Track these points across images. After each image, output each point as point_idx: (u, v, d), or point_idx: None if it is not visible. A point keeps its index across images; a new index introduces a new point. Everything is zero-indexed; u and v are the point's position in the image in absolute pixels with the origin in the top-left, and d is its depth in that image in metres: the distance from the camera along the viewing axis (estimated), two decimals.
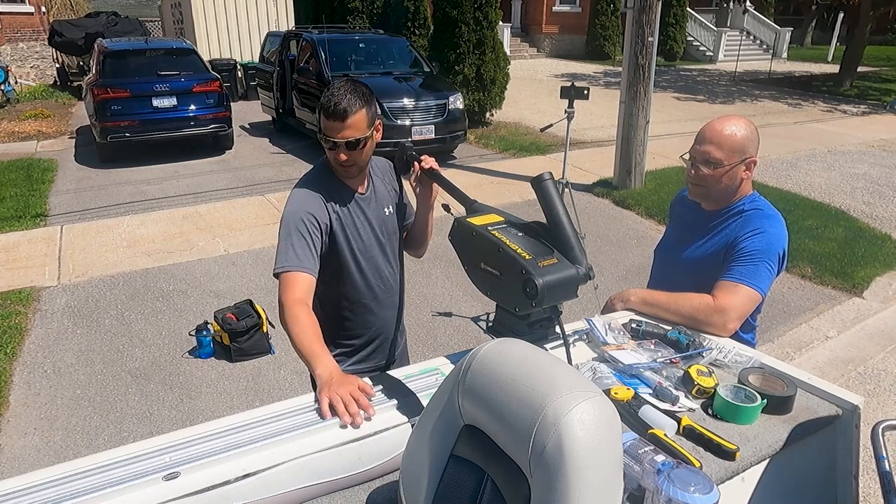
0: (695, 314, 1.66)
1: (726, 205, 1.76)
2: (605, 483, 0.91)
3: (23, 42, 17.04)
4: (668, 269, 1.94)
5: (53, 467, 1.24)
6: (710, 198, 1.77)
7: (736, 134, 1.66)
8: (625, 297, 1.84)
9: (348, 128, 1.72)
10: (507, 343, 1.11)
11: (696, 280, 1.75)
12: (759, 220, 1.72)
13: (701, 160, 1.69)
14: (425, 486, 1.15)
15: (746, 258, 1.66)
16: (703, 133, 1.70)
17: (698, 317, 1.66)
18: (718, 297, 1.65)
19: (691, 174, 1.72)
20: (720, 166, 1.66)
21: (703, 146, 1.68)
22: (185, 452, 1.27)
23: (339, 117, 1.70)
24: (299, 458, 1.30)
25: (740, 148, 1.67)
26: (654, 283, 2.00)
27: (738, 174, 1.70)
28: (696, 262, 1.81)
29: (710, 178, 1.69)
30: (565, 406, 0.92)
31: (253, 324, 3.78)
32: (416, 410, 1.42)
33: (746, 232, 1.69)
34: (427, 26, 12.38)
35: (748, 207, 1.75)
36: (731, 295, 1.64)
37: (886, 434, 1.30)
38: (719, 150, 1.66)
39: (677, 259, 1.88)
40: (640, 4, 6.45)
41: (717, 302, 1.64)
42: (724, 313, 1.63)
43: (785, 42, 22.33)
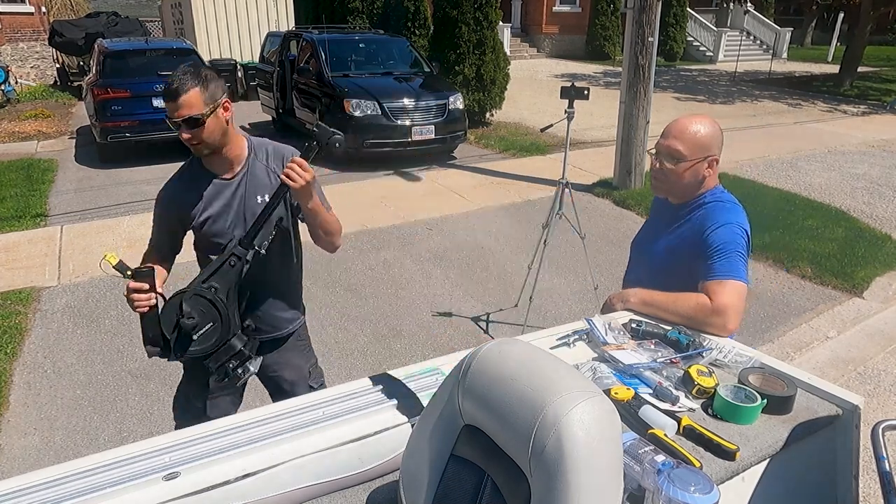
0: (694, 315, 1.68)
1: (690, 199, 1.80)
2: (605, 483, 0.91)
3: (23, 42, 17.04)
4: (641, 261, 2.00)
5: (53, 467, 1.24)
6: (672, 193, 1.81)
7: (700, 132, 1.69)
8: (624, 297, 1.85)
9: (182, 106, 1.76)
10: (507, 343, 1.11)
11: (664, 272, 1.81)
12: (718, 213, 1.74)
13: (665, 154, 1.73)
14: (425, 486, 1.15)
15: (719, 254, 1.68)
16: (669, 129, 1.73)
17: (698, 318, 1.67)
18: (712, 297, 1.66)
19: (655, 167, 1.77)
20: (683, 161, 1.70)
21: (667, 141, 1.72)
22: (185, 452, 1.28)
23: (172, 97, 1.76)
24: (299, 458, 1.30)
25: (704, 145, 1.70)
26: (628, 275, 2.07)
27: (700, 171, 1.73)
28: (662, 254, 1.85)
29: (672, 172, 1.73)
30: (565, 406, 0.92)
31: None
32: (416, 410, 1.42)
33: (709, 227, 1.71)
34: (427, 26, 12.38)
35: (709, 200, 1.78)
36: (723, 294, 1.65)
37: (886, 434, 1.30)
38: (683, 145, 1.69)
39: (647, 251, 1.93)
40: (640, 4, 6.45)
41: (713, 303, 1.65)
42: (724, 314, 1.65)
43: (785, 42, 22.33)
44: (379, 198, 6.89)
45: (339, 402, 1.46)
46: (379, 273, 4.96)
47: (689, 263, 1.74)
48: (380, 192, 7.10)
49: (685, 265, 1.76)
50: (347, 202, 6.74)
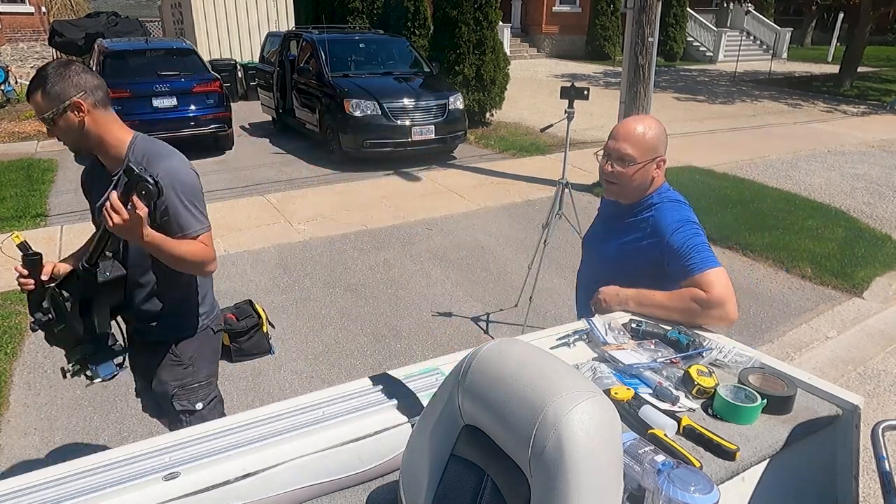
0: (693, 309, 1.68)
1: (639, 199, 1.83)
2: (605, 483, 0.91)
3: (23, 42, 17.05)
4: (592, 260, 2.04)
5: (53, 467, 1.24)
6: (623, 195, 1.83)
7: (648, 134, 1.73)
8: (621, 299, 1.82)
9: (34, 107, 1.77)
10: (507, 343, 1.11)
11: (615, 272, 1.85)
12: (668, 214, 1.77)
13: (616, 157, 1.75)
14: (425, 486, 1.15)
15: (690, 250, 1.70)
16: (618, 131, 1.76)
17: (697, 312, 1.68)
18: (706, 290, 1.66)
19: (606, 170, 1.78)
20: (633, 163, 1.73)
21: (617, 143, 1.74)
22: (185, 452, 1.28)
23: (27, 98, 1.79)
24: (299, 458, 1.30)
25: (652, 147, 1.74)
26: (582, 272, 2.13)
27: (649, 172, 1.76)
28: (613, 254, 1.88)
29: (623, 175, 1.75)
30: (565, 406, 0.92)
31: (253, 324, 3.77)
32: (416, 410, 1.42)
33: (667, 232, 1.74)
34: (427, 26, 12.38)
35: (657, 201, 1.81)
36: (714, 284, 1.65)
37: (886, 434, 1.30)
38: (633, 148, 1.72)
39: (598, 251, 1.97)
40: (640, 4, 6.45)
41: (709, 295, 1.65)
42: (723, 304, 1.65)
43: (785, 42, 22.34)
44: (379, 198, 6.90)
45: (339, 402, 1.46)
46: (379, 273, 4.96)
47: (646, 265, 1.78)
48: (380, 192, 7.10)
49: (638, 265, 1.80)
50: (347, 202, 6.75)
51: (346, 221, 6.12)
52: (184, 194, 1.84)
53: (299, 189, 7.22)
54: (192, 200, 1.86)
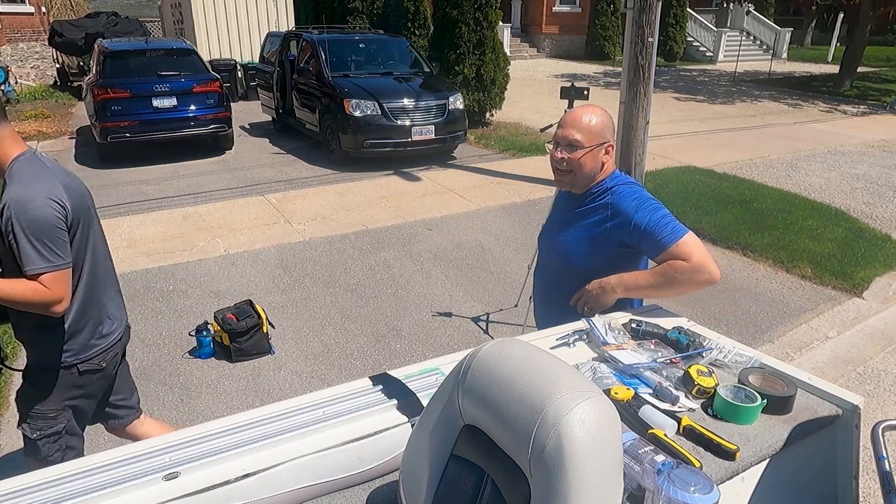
0: (680, 278, 1.73)
1: (591, 187, 1.89)
2: (605, 483, 0.91)
3: (23, 42, 17.05)
4: (550, 255, 2.07)
5: (53, 467, 1.24)
6: (577, 182, 1.88)
7: (593, 121, 1.81)
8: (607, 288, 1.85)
9: None
10: (507, 343, 1.11)
11: (571, 262, 1.91)
12: (627, 197, 1.83)
13: (565, 144, 1.82)
14: (425, 486, 1.15)
15: (658, 226, 1.75)
16: (566, 120, 1.84)
17: (684, 280, 1.73)
18: (685, 258, 1.71)
19: (556, 157, 1.84)
20: (581, 148, 1.80)
21: (565, 131, 1.82)
22: (185, 452, 1.28)
23: None
24: (299, 458, 1.30)
25: (599, 132, 1.81)
26: (539, 271, 2.17)
27: (598, 157, 1.83)
28: (577, 244, 1.91)
29: (573, 160, 1.82)
30: (565, 406, 0.92)
31: (253, 324, 3.78)
32: (416, 410, 1.42)
33: (631, 213, 1.79)
34: (427, 26, 12.38)
35: (612, 184, 1.87)
36: (691, 250, 1.71)
37: (886, 434, 1.30)
38: (580, 134, 1.80)
39: (559, 244, 1.99)
40: (640, 5, 6.45)
41: (691, 262, 1.70)
42: (704, 267, 1.71)
43: (785, 42, 22.33)
44: (379, 198, 6.90)
45: (339, 402, 1.46)
46: (379, 273, 4.96)
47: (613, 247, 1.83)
48: (380, 192, 7.10)
49: (605, 250, 1.84)
50: (347, 202, 6.75)
51: (345, 221, 6.12)
52: (28, 228, 1.72)
53: (299, 189, 7.22)
54: (39, 236, 1.73)
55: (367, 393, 1.51)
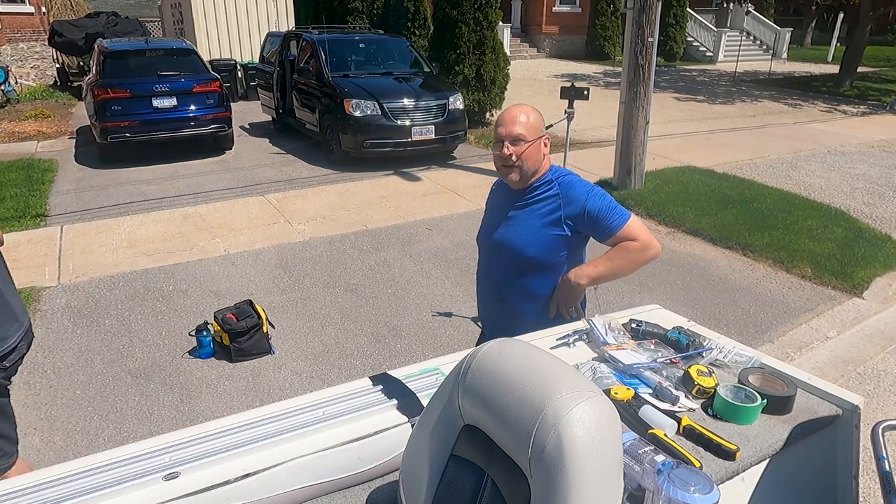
0: (635, 259, 1.90)
1: (534, 179, 1.98)
2: (605, 483, 0.91)
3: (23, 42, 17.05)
4: (496, 253, 2.08)
5: (53, 467, 1.24)
6: (522, 177, 1.95)
7: (530, 116, 1.93)
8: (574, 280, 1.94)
9: None
10: (507, 343, 1.11)
11: (525, 253, 1.95)
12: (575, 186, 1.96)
13: (511, 140, 1.90)
14: (425, 486, 1.15)
15: (607, 211, 1.90)
16: (505, 119, 1.93)
17: (639, 259, 1.91)
18: (634, 238, 1.89)
19: (505, 154, 1.91)
20: (526, 142, 1.89)
21: (507, 128, 1.91)
22: (185, 452, 1.28)
23: None
24: (299, 458, 1.30)
25: (536, 127, 1.93)
26: (481, 270, 2.19)
27: (540, 150, 1.94)
28: (523, 237, 1.96)
29: (521, 154, 1.90)
30: (565, 406, 0.92)
31: (253, 324, 3.78)
32: (416, 410, 1.42)
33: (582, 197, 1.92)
34: (427, 26, 12.38)
35: (554, 176, 1.99)
36: (637, 231, 1.90)
37: (886, 434, 1.30)
38: (521, 128, 1.90)
39: (502, 240, 2.03)
40: (640, 5, 6.45)
41: (639, 242, 1.89)
42: (650, 245, 1.90)
43: (785, 42, 22.33)
44: (379, 198, 6.90)
45: (339, 402, 1.46)
46: (379, 273, 4.96)
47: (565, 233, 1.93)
48: (380, 192, 7.10)
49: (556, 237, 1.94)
50: (347, 202, 6.75)
51: (345, 221, 6.12)
52: None
53: (299, 189, 7.22)
54: None
55: (367, 393, 1.51)
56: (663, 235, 5.83)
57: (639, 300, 4.25)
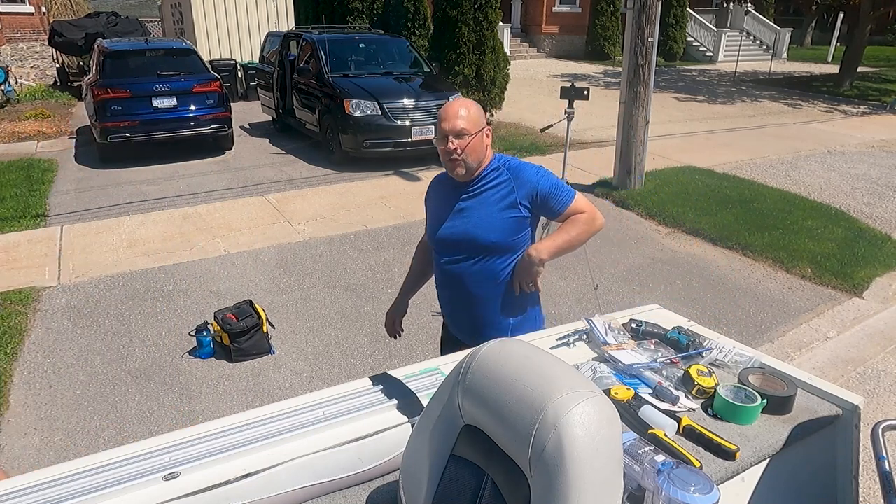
0: (586, 230, 1.99)
1: (481, 170, 2.01)
2: (605, 483, 0.91)
3: (23, 42, 17.04)
4: (448, 247, 2.09)
5: (53, 467, 1.24)
6: (468, 167, 1.97)
7: (471, 109, 1.95)
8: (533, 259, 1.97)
9: None
10: (507, 343, 1.11)
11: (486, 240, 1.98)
12: (523, 166, 2.04)
13: (454, 134, 1.92)
14: (425, 486, 1.15)
15: (556, 190, 1.99)
16: (447, 114, 1.94)
17: (589, 230, 2.00)
18: (581, 211, 1.99)
19: (450, 148, 1.92)
20: (469, 135, 1.92)
21: (450, 123, 1.92)
22: (185, 452, 1.28)
23: None
24: (299, 458, 1.30)
25: (477, 119, 1.95)
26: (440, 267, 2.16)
27: (483, 142, 1.97)
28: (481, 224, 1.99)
29: (465, 147, 1.92)
30: (565, 406, 0.92)
31: (253, 324, 3.78)
32: (416, 410, 1.42)
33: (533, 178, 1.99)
34: (427, 26, 12.37)
35: (500, 163, 2.04)
36: (583, 205, 2.01)
37: (886, 434, 1.30)
38: (464, 122, 1.91)
39: (452, 234, 2.05)
40: (640, 5, 6.45)
41: (586, 214, 1.99)
42: (595, 215, 2.01)
43: (785, 42, 22.33)
44: (379, 198, 6.89)
45: (339, 402, 1.46)
46: (379, 273, 4.96)
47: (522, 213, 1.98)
48: (380, 192, 7.10)
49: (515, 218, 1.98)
50: (347, 202, 6.75)
51: (345, 221, 6.12)
52: None
53: (299, 189, 7.22)
54: None
55: (367, 393, 1.51)
56: (663, 235, 5.83)
57: (639, 300, 4.25)
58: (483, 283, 2.04)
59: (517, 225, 2.00)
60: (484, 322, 2.08)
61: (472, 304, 2.09)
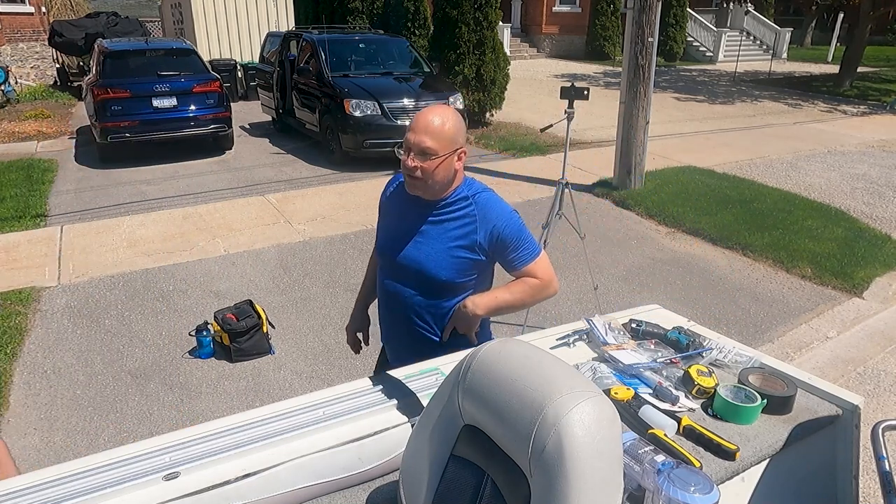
0: (535, 296, 1.83)
1: (446, 195, 1.78)
2: (604, 483, 0.91)
3: (23, 42, 17.04)
4: (397, 270, 1.86)
5: (53, 467, 1.24)
6: (428, 190, 1.75)
7: (447, 125, 1.67)
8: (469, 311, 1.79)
9: None
10: (507, 343, 1.11)
11: (434, 276, 1.77)
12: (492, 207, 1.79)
13: (417, 151, 1.68)
14: (425, 486, 1.15)
15: (520, 241, 1.78)
16: (417, 124, 1.69)
17: (538, 297, 1.84)
18: (537, 276, 1.80)
19: (408, 165, 1.70)
20: (436, 157, 1.67)
21: (417, 137, 1.67)
22: (185, 452, 1.28)
23: None
24: (299, 458, 1.30)
25: (452, 137, 1.68)
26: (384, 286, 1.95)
27: (452, 164, 1.71)
28: (434, 258, 1.78)
29: (426, 170, 1.68)
30: (565, 406, 0.92)
31: (253, 324, 3.78)
32: (416, 410, 1.42)
33: (499, 221, 1.76)
34: (427, 26, 12.38)
35: (470, 192, 1.79)
36: (542, 269, 1.81)
37: (886, 434, 1.30)
38: (433, 140, 1.66)
39: (405, 260, 1.82)
40: (640, 5, 6.45)
41: (541, 280, 1.80)
42: (550, 283, 1.82)
43: (785, 42, 22.33)
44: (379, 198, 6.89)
45: (339, 402, 1.46)
46: None
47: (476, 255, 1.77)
48: (380, 192, 7.09)
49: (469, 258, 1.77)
50: (347, 202, 6.75)
51: (346, 221, 6.12)
52: None
53: (299, 189, 7.22)
54: None
55: (367, 393, 1.51)
56: (663, 235, 5.83)
57: (639, 300, 4.25)
58: (426, 314, 1.85)
59: (469, 266, 1.79)
60: (418, 351, 1.82)
61: (412, 334, 1.88)
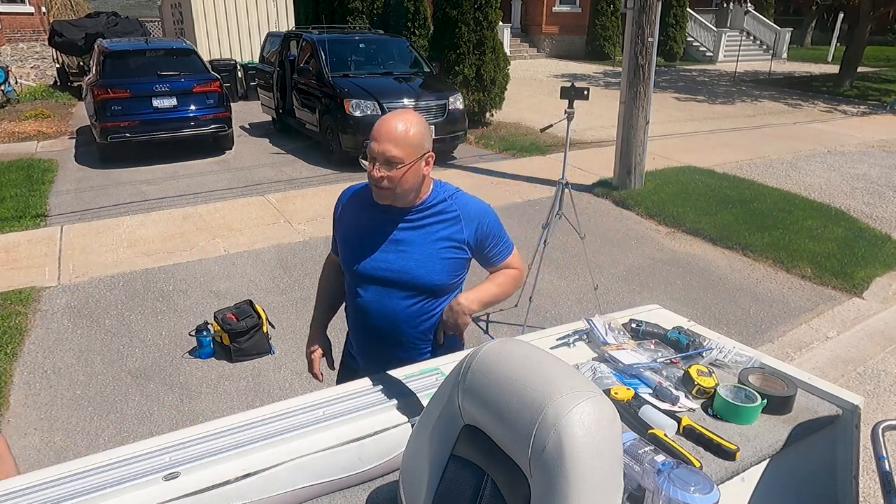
0: (515, 287, 1.92)
1: (420, 200, 1.75)
2: (604, 483, 0.91)
3: (23, 42, 17.04)
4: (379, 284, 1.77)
5: (53, 467, 1.24)
6: (399, 198, 1.72)
7: (411, 131, 1.64)
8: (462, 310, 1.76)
9: None
10: (507, 343, 1.11)
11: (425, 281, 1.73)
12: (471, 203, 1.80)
13: (382, 161, 1.65)
14: (425, 486, 1.15)
15: (498, 238, 1.84)
16: (381, 132, 1.66)
17: (517, 287, 1.94)
18: (514, 267, 1.90)
19: (375, 176, 1.67)
20: (402, 165, 1.64)
21: (381, 146, 1.65)
22: (185, 452, 1.28)
23: None
24: (299, 458, 1.30)
25: (418, 143, 1.65)
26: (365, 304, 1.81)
27: (420, 170, 1.68)
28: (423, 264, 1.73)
29: (393, 178, 1.66)
30: (565, 406, 0.92)
31: (253, 324, 3.78)
32: (416, 410, 1.42)
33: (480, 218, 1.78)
34: (427, 26, 12.38)
35: (445, 194, 1.78)
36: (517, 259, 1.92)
37: (886, 434, 1.30)
38: (398, 148, 1.62)
39: (389, 272, 1.75)
40: (639, 5, 6.45)
41: (518, 269, 1.92)
42: (523, 274, 1.97)
43: (785, 42, 22.33)
44: None
45: (339, 402, 1.46)
46: None
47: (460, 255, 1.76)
48: None
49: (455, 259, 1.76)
50: None
51: None
52: None
53: (299, 189, 7.22)
54: None
55: (367, 393, 1.51)
56: (663, 235, 5.83)
57: (639, 300, 4.25)
58: (416, 324, 1.78)
59: (459, 266, 1.77)
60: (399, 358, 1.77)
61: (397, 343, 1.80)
